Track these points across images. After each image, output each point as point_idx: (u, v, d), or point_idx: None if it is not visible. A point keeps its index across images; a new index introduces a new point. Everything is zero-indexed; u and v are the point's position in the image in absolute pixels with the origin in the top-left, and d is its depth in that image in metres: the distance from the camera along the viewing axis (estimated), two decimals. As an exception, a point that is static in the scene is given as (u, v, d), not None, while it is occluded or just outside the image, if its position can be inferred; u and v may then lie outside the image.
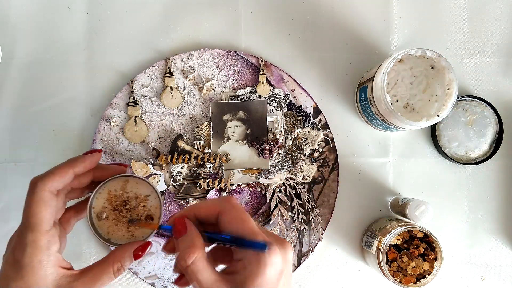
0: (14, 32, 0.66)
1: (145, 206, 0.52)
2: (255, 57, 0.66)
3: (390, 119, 0.58)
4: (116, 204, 0.52)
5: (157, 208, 0.52)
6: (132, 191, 0.52)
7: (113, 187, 0.51)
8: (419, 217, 0.60)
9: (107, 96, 0.66)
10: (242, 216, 0.41)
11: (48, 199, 0.44)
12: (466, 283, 0.67)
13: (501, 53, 0.68)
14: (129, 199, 0.52)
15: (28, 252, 0.43)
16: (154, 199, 0.52)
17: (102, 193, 0.51)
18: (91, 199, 0.50)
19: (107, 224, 0.51)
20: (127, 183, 0.52)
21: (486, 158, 0.66)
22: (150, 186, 0.52)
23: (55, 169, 0.46)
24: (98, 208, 0.51)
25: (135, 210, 0.52)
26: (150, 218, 0.52)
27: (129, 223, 0.51)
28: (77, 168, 0.47)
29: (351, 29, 0.67)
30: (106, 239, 0.51)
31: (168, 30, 0.67)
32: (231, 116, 0.65)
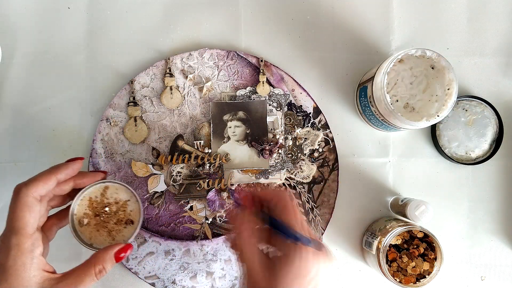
0: (14, 32, 0.66)
1: (125, 211, 0.54)
2: (255, 57, 0.66)
3: (390, 119, 0.58)
4: (97, 210, 0.54)
5: (137, 212, 0.54)
6: (112, 197, 0.54)
7: (94, 193, 0.54)
8: (419, 217, 0.60)
9: (107, 96, 0.66)
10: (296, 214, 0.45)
11: (31, 204, 0.46)
12: (466, 283, 0.67)
13: (501, 53, 0.68)
14: (110, 205, 0.54)
15: (12, 255, 0.44)
16: (133, 204, 0.55)
17: (83, 200, 0.53)
18: (72, 206, 0.52)
19: (88, 230, 0.53)
20: (107, 189, 0.54)
21: (486, 158, 0.66)
22: (130, 191, 0.54)
23: (39, 175, 0.48)
24: (79, 215, 0.53)
25: (116, 215, 0.54)
26: (131, 222, 0.54)
27: None
28: (59, 175, 0.49)
29: (351, 29, 0.67)
30: (89, 244, 0.53)
31: (168, 30, 0.67)
32: (231, 116, 0.65)
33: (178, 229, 0.65)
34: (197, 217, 0.65)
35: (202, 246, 0.65)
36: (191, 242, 0.65)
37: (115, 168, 0.65)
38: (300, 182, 0.65)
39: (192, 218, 0.65)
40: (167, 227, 0.65)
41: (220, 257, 0.65)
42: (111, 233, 0.54)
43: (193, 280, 0.65)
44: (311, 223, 0.65)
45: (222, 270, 0.65)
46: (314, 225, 0.65)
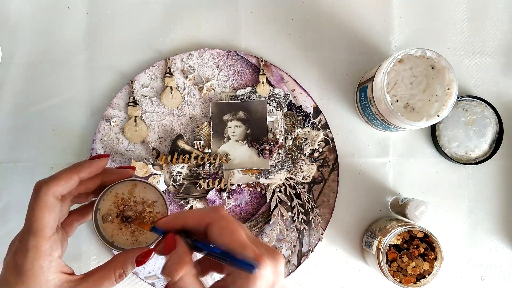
0: (14, 32, 0.66)
1: (151, 212, 0.51)
2: (255, 57, 0.66)
3: (390, 119, 0.58)
4: (123, 207, 0.51)
5: (163, 215, 0.51)
6: (140, 196, 0.51)
7: (121, 190, 0.51)
8: (419, 217, 0.60)
9: (107, 96, 0.66)
10: (231, 226, 0.40)
11: (52, 204, 0.44)
12: (466, 283, 0.67)
13: (501, 53, 0.68)
14: (136, 204, 0.51)
15: (29, 257, 0.43)
16: (160, 206, 0.52)
17: (109, 195, 0.51)
18: (97, 201, 0.50)
19: (111, 227, 0.51)
20: (135, 187, 0.52)
21: (486, 158, 0.66)
22: (158, 192, 0.51)
23: (60, 173, 0.45)
24: (104, 210, 0.51)
25: (141, 215, 0.51)
26: None
27: (124, 220, 0.51)
28: (82, 173, 0.46)
29: (351, 29, 0.67)
30: (110, 242, 0.50)
31: (168, 30, 0.67)
32: (231, 116, 0.65)
33: (178, 229, 0.65)
34: (197, 217, 0.65)
35: (202, 246, 0.65)
36: (191, 242, 0.65)
37: (115, 168, 0.65)
38: (300, 182, 0.65)
39: (192, 218, 0.65)
40: (167, 227, 0.65)
41: (220, 257, 0.65)
42: (134, 233, 0.51)
43: (193, 280, 0.65)
44: (311, 223, 0.65)
45: (222, 270, 0.65)
46: (314, 225, 0.65)
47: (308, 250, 0.65)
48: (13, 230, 0.66)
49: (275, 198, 0.65)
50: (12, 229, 0.65)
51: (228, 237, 0.39)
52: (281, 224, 0.65)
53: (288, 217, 0.65)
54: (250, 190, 0.65)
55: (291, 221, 0.65)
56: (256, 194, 0.66)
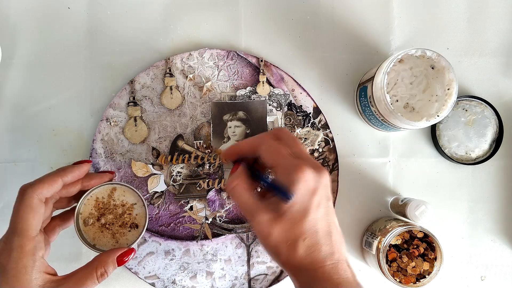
0: (14, 32, 0.66)
1: (131, 214, 0.54)
2: (255, 57, 0.66)
3: (390, 119, 0.58)
4: (103, 211, 0.53)
5: (143, 216, 0.54)
6: (119, 199, 0.54)
7: (101, 194, 0.53)
8: (419, 217, 0.60)
9: (107, 96, 0.66)
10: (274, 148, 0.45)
11: (36, 206, 0.46)
12: (466, 283, 0.67)
13: (501, 53, 0.68)
14: (116, 207, 0.54)
15: (13, 257, 0.44)
16: (140, 208, 0.54)
17: (90, 199, 0.53)
18: (78, 205, 0.52)
19: (93, 230, 0.53)
20: (115, 190, 0.54)
21: (486, 158, 0.66)
22: (137, 195, 0.54)
23: (45, 177, 0.48)
24: (85, 214, 0.53)
25: (121, 217, 0.54)
26: (135, 226, 0.54)
27: (104, 224, 0.53)
28: (66, 177, 0.49)
29: (351, 29, 0.67)
30: (92, 245, 0.52)
31: (168, 30, 0.67)
32: (231, 116, 0.65)
33: (178, 229, 0.65)
34: (197, 217, 0.65)
35: (202, 246, 0.65)
36: (191, 242, 0.65)
37: (115, 168, 0.65)
38: (300, 182, 0.65)
39: (192, 218, 0.65)
40: (167, 227, 0.65)
41: (220, 257, 0.65)
42: (115, 235, 0.53)
43: (193, 280, 0.65)
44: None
45: (222, 270, 0.65)
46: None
47: None
48: (13, 230, 0.66)
49: (275, 198, 0.65)
50: (12, 229, 0.65)
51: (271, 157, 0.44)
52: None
53: (288, 217, 0.65)
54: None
55: (291, 221, 0.65)
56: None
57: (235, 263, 0.65)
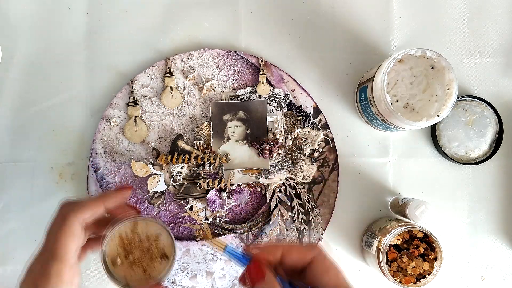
0: (14, 32, 0.66)
1: (158, 245, 0.52)
2: (255, 57, 0.66)
3: (390, 119, 0.58)
4: (129, 247, 0.52)
5: (170, 246, 0.52)
6: (143, 232, 0.52)
7: (124, 231, 0.52)
8: (419, 217, 0.59)
9: (107, 96, 0.66)
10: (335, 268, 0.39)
11: (78, 232, 0.45)
12: (466, 283, 0.67)
13: (501, 53, 0.68)
14: (141, 241, 0.52)
15: (52, 284, 0.43)
16: (165, 237, 0.52)
17: (113, 239, 0.51)
18: (103, 247, 0.50)
19: (122, 269, 0.51)
20: (137, 225, 0.52)
21: (486, 158, 0.66)
22: (160, 225, 0.52)
23: (88, 202, 0.46)
24: (112, 254, 0.51)
25: (148, 251, 0.52)
26: (165, 256, 0.53)
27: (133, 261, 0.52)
28: (108, 203, 0.48)
29: (351, 29, 0.67)
30: (125, 284, 0.51)
31: (168, 30, 0.67)
32: (231, 116, 0.65)
33: (178, 229, 0.65)
34: (197, 217, 0.65)
35: (202, 246, 0.65)
36: (191, 242, 0.65)
37: (115, 168, 0.65)
38: (300, 182, 0.65)
39: (192, 218, 0.65)
40: (167, 227, 0.65)
41: (220, 257, 0.65)
42: (146, 270, 0.52)
43: (193, 280, 0.65)
44: (311, 223, 0.65)
45: (222, 270, 0.65)
46: (314, 225, 0.65)
47: (309, 245, 0.65)
48: (13, 230, 0.66)
49: (275, 198, 0.65)
50: (12, 229, 0.65)
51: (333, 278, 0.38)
52: (281, 224, 0.65)
53: (288, 217, 0.65)
54: (250, 190, 0.66)
55: (291, 221, 0.65)
56: (256, 194, 0.66)
57: (235, 263, 0.65)
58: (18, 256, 0.65)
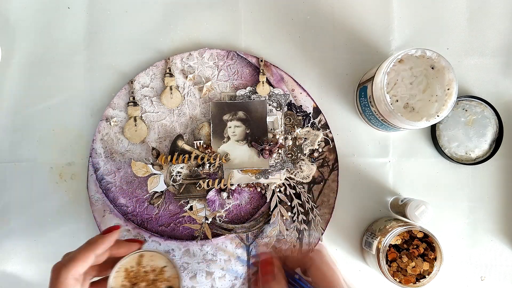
0: (14, 32, 0.66)
1: (163, 277, 0.53)
2: (255, 57, 0.66)
3: (390, 119, 0.58)
4: (135, 280, 0.52)
5: (176, 278, 0.53)
6: (149, 265, 0.53)
7: (129, 264, 0.53)
8: (419, 217, 0.59)
9: (107, 96, 0.66)
10: (332, 273, 0.43)
11: (72, 286, 0.46)
12: (466, 283, 0.67)
13: (501, 53, 0.68)
14: (147, 273, 0.53)
15: None
16: (171, 269, 0.53)
17: (119, 271, 0.52)
18: (109, 281, 0.51)
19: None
20: (142, 257, 0.53)
21: (486, 158, 0.66)
22: (165, 257, 0.53)
23: (76, 254, 0.48)
24: (117, 287, 0.52)
25: (154, 283, 0.53)
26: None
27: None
28: (98, 250, 0.49)
29: (351, 29, 0.67)
30: None
31: (168, 30, 0.67)
32: (231, 116, 0.65)
33: (178, 229, 0.65)
34: (197, 217, 0.65)
35: (202, 246, 0.65)
36: (190, 242, 0.65)
37: (115, 168, 0.65)
38: (300, 182, 0.65)
39: (192, 218, 0.65)
40: (167, 227, 0.65)
41: (220, 257, 0.65)
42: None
43: (193, 280, 0.65)
44: (311, 223, 0.65)
45: (222, 270, 0.65)
46: (314, 225, 0.65)
47: (308, 251, 0.65)
48: (13, 230, 0.66)
49: (275, 198, 0.65)
50: (12, 229, 0.66)
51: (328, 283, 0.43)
52: (281, 224, 0.65)
53: (288, 217, 0.65)
54: (250, 190, 0.66)
55: (291, 221, 0.65)
56: (256, 194, 0.66)
57: (235, 263, 0.65)
58: (18, 256, 0.65)
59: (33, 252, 0.65)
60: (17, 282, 0.65)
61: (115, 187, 0.64)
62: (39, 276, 0.65)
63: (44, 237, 0.66)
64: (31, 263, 0.65)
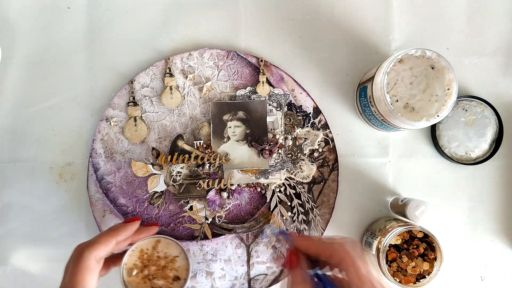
0: (14, 32, 0.66)
1: (173, 266, 0.55)
2: (255, 57, 0.66)
3: (390, 119, 0.58)
4: (147, 262, 0.55)
5: (185, 269, 0.55)
6: (163, 251, 0.56)
7: (146, 246, 0.55)
8: (419, 217, 0.59)
9: (107, 96, 0.66)
10: (357, 263, 0.42)
11: (93, 268, 0.48)
12: (466, 283, 0.67)
13: (501, 53, 0.68)
14: (159, 258, 0.55)
15: None
16: (182, 260, 0.56)
17: (135, 250, 0.55)
18: (125, 256, 0.53)
19: (136, 281, 0.54)
20: (159, 243, 0.56)
21: (486, 158, 0.66)
22: (180, 247, 0.55)
23: (100, 238, 0.50)
24: (129, 265, 0.54)
25: (163, 270, 0.55)
26: (177, 278, 0.55)
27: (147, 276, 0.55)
28: (119, 236, 0.51)
29: (351, 29, 0.67)
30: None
31: (168, 30, 0.67)
32: (231, 116, 0.65)
33: (178, 229, 0.65)
34: (197, 217, 0.65)
35: (202, 246, 0.65)
36: (191, 242, 0.65)
37: (115, 168, 0.65)
38: (300, 182, 0.65)
39: (192, 218, 0.65)
40: (167, 227, 0.65)
41: (220, 257, 0.65)
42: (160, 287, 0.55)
43: (193, 280, 0.65)
44: (311, 223, 0.65)
45: (222, 270, 0.65)
46: (314, 225, 0.65)
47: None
48: (13, 230, 0.66)
49: (275, 198, 0.65)
50: (12, 229, 0.66)
51: (353, 273, 0.42)
52: (281, 224, 0.65)
53: (288, 217, 0.65)
54: (250, 190, 0.66)
55: (291, 221, 0.65)
56: (256, 194, 0.66)
57: (235, 263, 0.65)
58: (18, 256, 0.65)
59: (33, 252, 0.65)
60: (17, 282, 0.65)
61: (115, 187, 0.64)
62: (39, 276, 0.65)
63: (44, 237, 0.66)
64: (31, 263, 0.65)
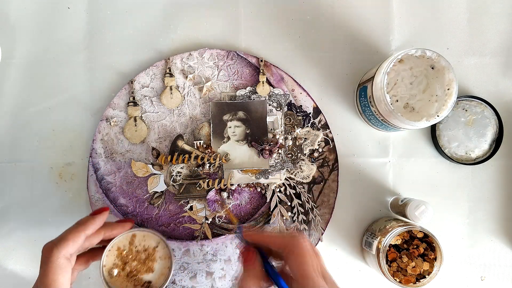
0: (14, 32, 0.66)
1: (155, 257, 0.54)
2: (255, 57, 0.66)
3: (390, 119, 0.58)
4: (126, 259, 0.54)
5: (168, 257, 0.54)
6: (141, 245, 0.54)
7: (122, 243, 0.54)
8: (419, 217, 0.59)
9: (107, 96, 0.66)
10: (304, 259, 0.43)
11: (64, 266, 0.47)
12: (466, 283, 0.67)
13: (501, 53, 0.68)
14: (138, 253, 0.54)
15: None
16: (162, 249, 0.55)
17: (111, 250, 0.53)
18: (102, 259, 0.52)
19: (119, 280, 0.53)
20: (135, 237, 0.54)
21: (486, 158, 0.66)
22: (157, 237, 0.54)
23: (67, 234, 0.48)
24: (109, 265, 0.53)
25: (145, 263, 0.54)
26: None
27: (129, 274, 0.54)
28: (88, 230, 0.50)
29: (351, 29, 0.67)
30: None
31: (168, 30, 0.67)
32: (231, 116, 0.65)
33: (178, 229, 0.65)
34: (197, 217, 0.65)
35: (202, 246, 0.65)
36: (191, 242, 0.65)
37: (115, 168, 0.65)
38: (300, 182, 0.65)
39: (192, 218, 0.65)
40: (167, 227, 0.65)
41: (220, 257, 0.65)
42: (144, 283, 0.54)
43: (193, 280, 0.65)
44: (311, 223, 0.65)
45: (222, 270, 0.65)
46: (314, 225, 0.65)
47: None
48: (13, 230, 0.66)
49: (275, 198, 0.65)
50: (12, 229, 0.66)
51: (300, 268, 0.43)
52: (281, 224, 0.65)
53: (288, 217, 0.65)
54: (250, 190, 0.66)
55: (291, 221, 0.65)
56: (256, 194, 0.66)
57: (235, 263, 0.65)
58: (18, 256, 0.65)
59: (33, 252, 0.65)
60: (17, 281, 0.65)
61: (115, 187, 0.64)
62: (39, 276, 0.65)
63: (44, 237, 0.65)
64: (31, 263, 0.65)
